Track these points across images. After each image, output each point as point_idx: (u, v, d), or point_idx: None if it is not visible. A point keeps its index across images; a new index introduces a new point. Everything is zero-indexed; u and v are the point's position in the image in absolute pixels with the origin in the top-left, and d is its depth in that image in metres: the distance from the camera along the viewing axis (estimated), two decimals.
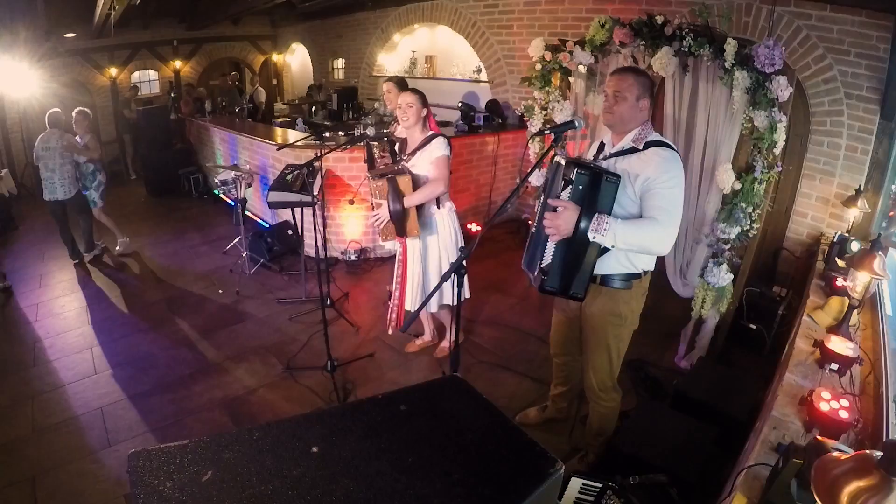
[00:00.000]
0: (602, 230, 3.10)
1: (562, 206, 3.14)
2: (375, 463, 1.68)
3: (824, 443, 2.21)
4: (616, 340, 3.72)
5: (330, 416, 1.97)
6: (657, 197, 3.19)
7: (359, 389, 5.17)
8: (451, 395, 2.04)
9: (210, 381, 5.29)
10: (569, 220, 3.12)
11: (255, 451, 1.68)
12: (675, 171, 3.22)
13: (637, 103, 3.34)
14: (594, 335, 3.74)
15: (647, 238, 3.19)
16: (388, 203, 4.64)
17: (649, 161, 3.23)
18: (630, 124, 3.39)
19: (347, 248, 7.96)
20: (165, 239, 9.28)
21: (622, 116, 3.37)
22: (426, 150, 4.74)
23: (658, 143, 3.30)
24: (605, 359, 3.77)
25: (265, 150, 8.97)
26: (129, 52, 15.28)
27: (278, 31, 18.27)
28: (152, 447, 1.67)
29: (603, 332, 3.68)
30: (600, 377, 3.83)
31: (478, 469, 1.68)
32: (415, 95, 4.78)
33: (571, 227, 3.13)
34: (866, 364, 3.46)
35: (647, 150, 3.28)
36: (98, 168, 8.05)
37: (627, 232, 3.12)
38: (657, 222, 3.15)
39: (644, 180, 3.21)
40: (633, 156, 3.33)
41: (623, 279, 3.52)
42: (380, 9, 12.47)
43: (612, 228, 3.09)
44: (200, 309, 6.75)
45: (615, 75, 3.45)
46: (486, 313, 6.06)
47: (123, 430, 4.63)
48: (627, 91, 3.33)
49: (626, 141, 3.40)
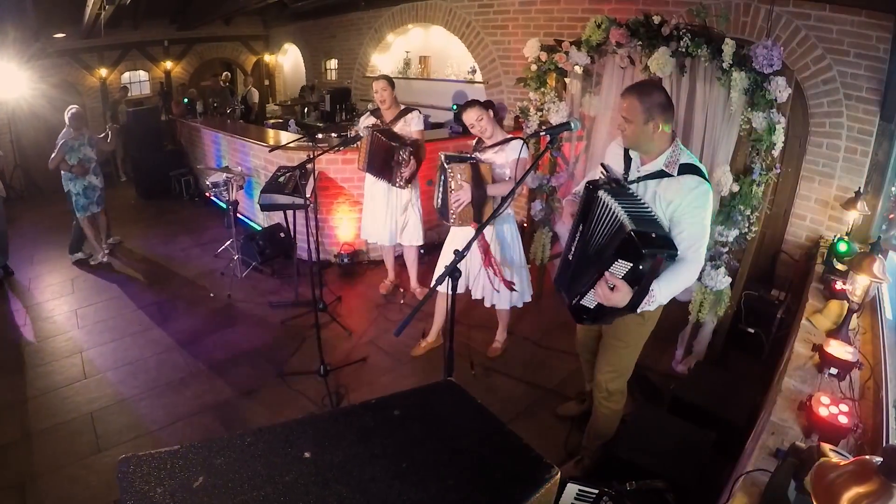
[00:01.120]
0: (650, 302, 3.16)
1: (616, 286, 3.05)
2: (369, 468, 1.68)
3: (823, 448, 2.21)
4: (635, 340, 3.78)
5: (322, 421, 1.97)
6: (688, 228, 3.21)
7: (352, 394, 5.17)
8: (445, 400, 2.04)
9: (201, 385, 5.28)
10: (623, 298, 3.06)
11: (247, 457, 1.68)
12: (707, 205, 3.23)
13: (645, 127, 3.24)
14: (614, 333, 3.78)
15: (683, 282, 3.24)
16: (472, 187, 4.78)
17: (684, 191, 3.21)
18: (648, 145, 3.34)
19: (340, 251, 7.95)
20: (156, 242, 9.26)
21: (636, 140, 3.33)
22: (504, 149, 4.89)
23: (690, 168, 3.25)
24: (621, 358, 3.83)
25: (257, 151, 8.95)
26: (120, 53, 15.24)
27: (270, 31, 18.24)
28: (143, 452, 1.67)
29: (624, 331, 3.72)
30: (613, 376, 3.87)
31: (472, 475, 1.69)
32: (479, 110, 4.90)
33: (624, 304, 3.09)
34: (866, 368, 3.47)
35: (682, 178, 3.24)
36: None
37: (667, 288, 3.18)
38: (688, 263, 3.19)
39: (676, 208, 3.23)
40: (664, 180, 3.30)
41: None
42: (373, 9, 12.42)
43: (656, 295, 3.14)
44: (191, 312, 6.74)
45: (622, 97, 3.36)
46: (481, 316, 6.06)
47: (114, 435, 4.62)
48: (631, 115, 3.25)
49: (657, 163, 3.34)
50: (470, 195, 4.79)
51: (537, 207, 6.47)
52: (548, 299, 6.68)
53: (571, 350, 5.22)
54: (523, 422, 4.79)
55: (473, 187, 4.77)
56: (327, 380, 5.18)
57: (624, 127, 3.32)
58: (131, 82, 15.85)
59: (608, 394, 3.91)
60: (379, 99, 6.24)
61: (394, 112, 6.30)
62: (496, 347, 5.77)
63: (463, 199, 4.84)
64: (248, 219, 9.82)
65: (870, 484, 1.58)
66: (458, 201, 4.88)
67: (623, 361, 3.85)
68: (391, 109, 6.30)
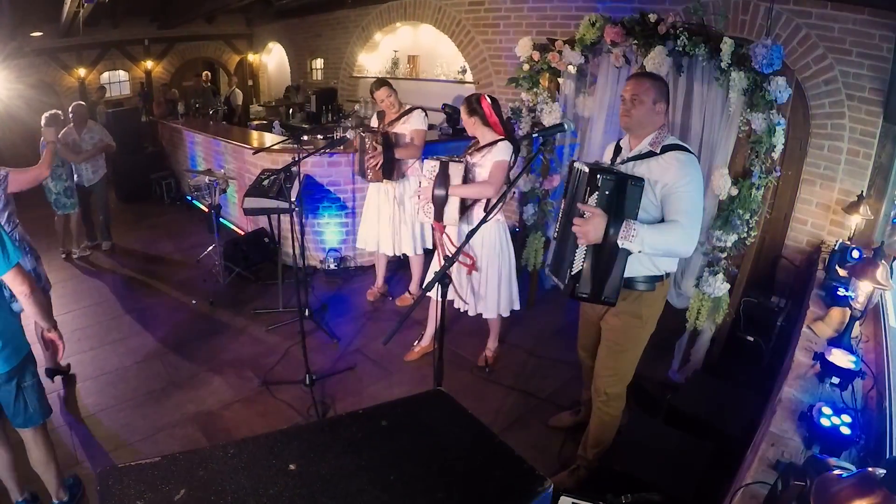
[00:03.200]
0: (630, 236, 3.24)
1: (590, 213, 3.26)
2: (356, 481, 1.68)
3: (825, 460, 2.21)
4: (634, 343, 3.86)
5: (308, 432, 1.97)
6: (678, 200, 3.37)
7: (338, 404, 5.16)
8: (435, 410, 2.04)
9: (183, 395, 5.26)
10: (598, 226, 3.25)
11: (230, 469, 1.68)
12: (694, 174, 3.40)
13: (654, 107, 3.52)
14: (613, 336, 3.86)
15: (672, 241, 3.34)
16: (434, 186, 4.90)
17: (668, 166, 3.41)
18: (647, 128, 3.57)
19: (326, 257, 7.95)
20: (136, 247, 9.24)
21: (639, 120, 3.54)
22: (491, 151, 4.94)
23: (675, 146, 3.48)
24: (620, 361, 3.89)
25: (240, 154, 8.94)
26: (99, 52, 15.25)
27: (254, 29, 18.27)
28: (122, 464, 1.67)
29: (623, 333, 3.81)
30: (612, 380, 3.93)
31: (463, 487, 1.68)
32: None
33: (601, 233, 3.27)
34: (869, 378, 3.47)
35: (665, 155, 3.46)
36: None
37: (654, 236, 3.27)
38: (680, 225, 3.33)
39: (664, 185, 3.41)
40: (651, 160, 3.51)
41: (646, 281, 3.67)
42: (360, 6, 12.44)
43: (640, 234, 3.24)
44: (173, 320, 6.71)
45: (632, 79, 3.65)
46: (471, 323, 6.05)
47: (92, 447, 4.60)
48: (644, 94, 3.50)
49: (643, 145, 3.59)
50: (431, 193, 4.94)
51: (529, 211, 6.47)
52: (541, 307, 6.69)
53: (565, 359, 5.24)
54: (515, 432, 4.79)
55: (436, 186, 4.90)
56: (313, 389, 5.17)
57: (630, 108, 3.55)
58: (111, 82, 15.83)
59: (607, 398, 3.94)
60: (386, 106, 6.39)
61: (397, 112, 6.42)
62: (487, 355, 5.76)
63: (424, 195, 5.01)
64: (232, 223, 9.81)
65: (873, 497, 1.58)
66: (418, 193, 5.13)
67: (621, 365, 3.90)
68: (394, 110, 6.42)
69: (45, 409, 3.72)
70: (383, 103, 6.28)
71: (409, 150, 6.27)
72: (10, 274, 3.25)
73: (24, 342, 3.60)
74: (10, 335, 3.42)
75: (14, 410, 3.53)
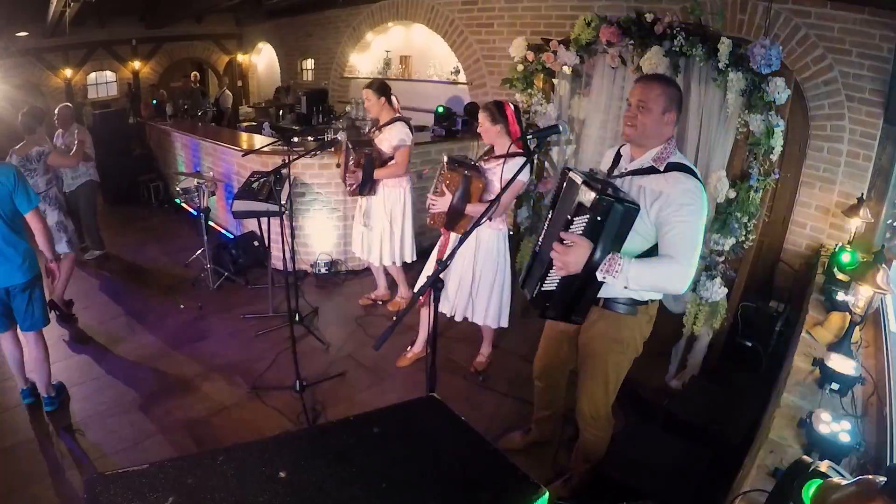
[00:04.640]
0: (613, 272, 3.04)
1: (573, 241, 3.05)
2: (347, 488, 1.67)
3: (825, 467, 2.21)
4: (615, 368, 3.65)
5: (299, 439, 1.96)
6: (674, 232, 3.10)
7: (329, 411, 5.14)
8: (428, 417, 2.04)
9: (172, 401, 5.24)
10: (580, 256, 3.04)
11: (220, 477, 1.67)
12: (697, 204, 3.10)
13: (662, 116, 3.21)
14: (592, 361, 3.68)
15: (662, 279, 3.13)
16: (454, 197, 4.84)
17: (670, 189, 3.12)
18: (652, 139, 3.28)
19: (317, 261, 7.95)
20: (124, 251, 9.19)
21: (645, 130, 3.24)
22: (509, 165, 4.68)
23: (681, 167, 3.19)
24: (600, 387, 3.70)
25: (230, 156, 8.93)
26: (85, 52, 15.23)
27: (244, 29, 18.25)
28: (110, 472, 1.66)
29: (602, 358, 3.62)
30: (594, 406, 3.77)
31: (456, 495, 1.68)
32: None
33: (581, 265, 3.06)
34: (869, 384, 3.47)
35: (669, 175, 3.17)
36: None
37: (642, 273, 3.05)
38: (674, 262, 3.07)
39: (661, 209, 3.13)
40: (651, 177, 3.23)
41: (627, 304, 3.44)
42: (351, 6, 12.45)
43: (625, 271, 3.02)
44: (161, 325, 6.69)
45: (641, 83, 3.33)
46: (464, 329, 6.04)
47: (80, 454, 4.57)
48: (653, 102, 3.19)
49: (645, 158, 3.30)
50: (448, 205, 4.86)
51: (524, 215, 6.47)
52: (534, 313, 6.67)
53: None
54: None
55: (457, 198, 4.81)
56: (303, 395, 5.15)
57: (635, 115, 3.24)
58: (98, 83, 15.80)
59: (592, 420, 3.83)
60: (367, 108, 6.31)
61: (385, 119, 6.26)
62: (481, 361, 5.77)
63: (440, 204, 4.94)
64: (221, 227, 9.81)
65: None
66: (433, 205, 5.03)
67: (601, 393, 3.72)
68: (382, 117, 6.28)
69: (46, 317, 4.98)
70: (366, 104, 6.23)
71: (390, 171, 6.14)
72: (31, 213, 4.62)
73: (37, 263, 4.83)
74: (29, 255, 4.71)
75: (24, 316, 4.77)
